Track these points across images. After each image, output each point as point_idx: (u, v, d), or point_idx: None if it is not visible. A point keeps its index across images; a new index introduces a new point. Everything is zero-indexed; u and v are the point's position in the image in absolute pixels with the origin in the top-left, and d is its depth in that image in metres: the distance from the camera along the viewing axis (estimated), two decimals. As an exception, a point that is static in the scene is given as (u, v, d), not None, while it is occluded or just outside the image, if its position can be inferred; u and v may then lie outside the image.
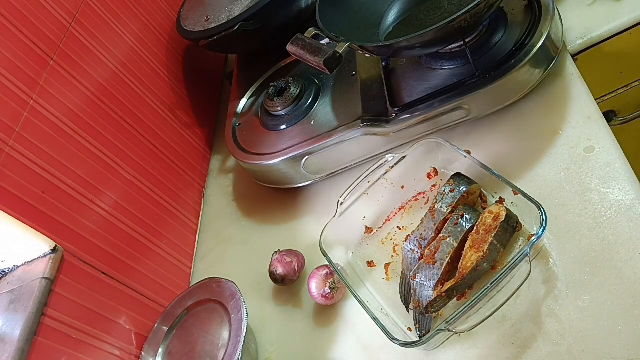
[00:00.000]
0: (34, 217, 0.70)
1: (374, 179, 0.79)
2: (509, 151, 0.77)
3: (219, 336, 0.76)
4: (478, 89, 0.76)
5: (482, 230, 0.66)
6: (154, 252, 0.90)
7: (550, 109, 0.77)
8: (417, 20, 0.85)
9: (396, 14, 0.89)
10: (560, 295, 0.62)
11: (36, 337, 0.65)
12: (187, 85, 1.14)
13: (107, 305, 0.77)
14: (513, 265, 0.60)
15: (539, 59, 0.76)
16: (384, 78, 0.87)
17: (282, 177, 0.93)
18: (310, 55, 0.73)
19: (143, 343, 0.81)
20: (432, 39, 0.70)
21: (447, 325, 0.59)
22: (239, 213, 1.02)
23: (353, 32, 0.84)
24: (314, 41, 0.74)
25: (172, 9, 1.16)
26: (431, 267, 0.66)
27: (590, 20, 0.83)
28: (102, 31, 0.92)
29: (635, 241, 0.61)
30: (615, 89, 0.92)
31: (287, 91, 0.94)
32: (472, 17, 0.67)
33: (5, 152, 0.68)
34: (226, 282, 0.80)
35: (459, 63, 0.81)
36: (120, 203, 0.85)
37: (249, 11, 0.95)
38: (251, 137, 0.97)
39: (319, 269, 0.77)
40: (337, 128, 0.85)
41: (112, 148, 0.87)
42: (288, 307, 0.83)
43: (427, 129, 0.82)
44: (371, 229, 0.81)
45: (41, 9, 0.80)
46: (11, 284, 0.71)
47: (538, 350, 0.60)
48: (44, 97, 0.76)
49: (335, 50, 0.71)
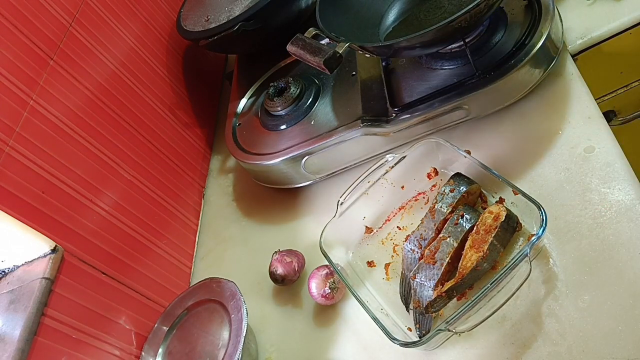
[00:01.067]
0: (34, 217, 0.70)
1: (374, 179, 0.79)
2: (509, 151, 0.77)
3: (219, 336, 0.76)
4: (478, 89, 0.76)
5: (482, 230, 0.66)
6: (154, 252, 0.90)
7: (550, 109, 0.77)
8: (417, 20, 0.85)
9: (396, 14, 0.89)
10: (560, 295, 0.62)
11: (36, 337, 0.65)
12: (187, 85, 1.14)
13: (107, 305, 0.77)
14: (513, 265, 0.60)
15: (539, 59, 0.76)
16: (384, 78, 0.87)
17: (282, 177, 0.93)
18: (310, 55, 0.73)
19: (143, 343, 0.81)
20: (432, 39, 0.70)
21: (447, 325, 0.59)
22: (239, 213, 1.02)
23: (353, 32, 0.84)
24: (314, 41, 0.74)
25: (172, 9, 1.16)
26: (431, 267, 0.66)
27: (590, 20, 0.83)
28: (102, 31, 0.92)
29: (635, 241, 0.61)
30: (615, 89, 0.92)
31: (287, 91, 0.94)
32: (472, 17, 0.67)
33: (5, 152, 0.68)
34: (226, 282, 0.80)
35: (459, 63, 0.81)
36: (120, 203, 0.85)
37: (249, 11, 0.95)
38: (251, 137, 0.97)
39: (319, 269, 0.77)
40: (337, 128, 0.85)
41: (112, 148, 0.87)
42: (288, 307, 0.83)
43: (427, 129, 0.82)
44: (371, 229, 0.81)
45: (41, 9, 0.80)
46: (11, 284, 0.71)
47: (538, 350, 0.60)
48: (44, 97, 0.76)
49: (335, 51, 0.71)
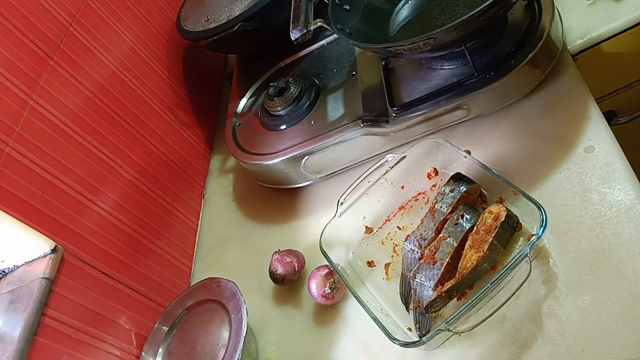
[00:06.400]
0: (34, 217, 0.70)
1: (374, 179, 0.80)
2: (509, 151, 0.77)
3: (219, 336, 0.76)
4: (478, 89, 0.76)
5: (482, 230, 0.66)
6: (154, 252, 0.90)
7: (550, 109, 0.77)
8: (428, 18, 0.85)
9: (408, 10, 0.89)
10: (560, 295, 0.62)
11: (36, 337, 0.65)
12: (187, 85, 1.14)
13: (107, 305, 0.77)
14: (513, 265, 0.60)
15: (539, 59, 0.76)
16: (383, 78, 0.87)
17: (282, 177, 0.93)
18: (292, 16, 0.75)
19: (143, 343, 0.81)
20: (433, 48, 0.71)
21: (447, 325, 0.59)
22: (239, 213, 1.02)
23: (362, 28, 0.84)
24: (304, 11, 0.75)
25: (172, 9, 1.16)
26: (431, 267, 0.66)
27: (590, 20, 0.83)
28: (102, 31, 0.92)
29: (635, 241, 0.61)
30: (615, 89, 0.92)
31: (287, 91, 0.94)
32: (468, 26, 0.67)
33: (5, 152, 0.68)
34: (226, 282, 0.80)
35: (459, 63, 0.81)
36: (120, 203, 0.85)
37: (249, 11, 0.95)
38: (251, 137, 0.97)
39: (319, 269, 0.77)
40: (337, 128, 0.85)
41: (112, 148, 0.87)
42: (288, 307, 0.83)
43: (427, 129, 0.82)
44: (371, 229, 0.81)
45: (41, 9, 0.80)
46: (11, 284, 0.71)
47: (538, 350, 0.60)
48: (44, 97, 0.76)
49: (308, 30, 0.73)
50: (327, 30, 0.83)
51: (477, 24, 0.67)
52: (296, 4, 0.79)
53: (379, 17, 0.89)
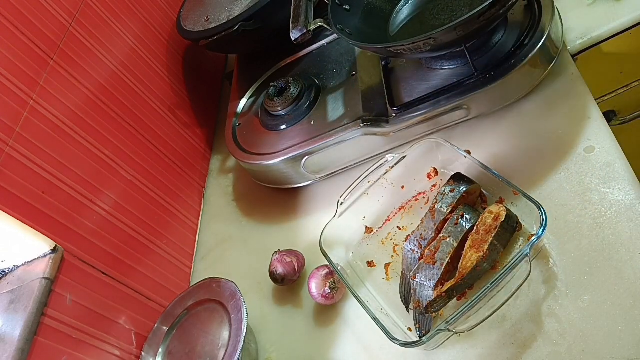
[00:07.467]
0: (34, 217, 0.70)
1: (374, 179, 0.79)
2: (509, 151, 0.77)
3: (219, 336, 0.76)
4: (478, 88, 0.76)
5: (482, 230, 0.66)
6: (154, 252, 0.90)
7: (550, 109, 0.77)
8: (428, 17, 0.85)
9: (409, 9, 0.89)
10: (560, 295, 0.62)
11: (36, 337, 0.65)
12: (187, 85, 1.14)
13: (107, 305, 0.77)
14: (513, 265, 0.60)
15: (539, 59, 0.76)
16: (383, 78, 0.87)
17: (282, 177, 0.93)
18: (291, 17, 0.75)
19: (143, 343, 0.81)
20: (433, 48, 0.71)
21: (447, 325, 0.59)
22: (239, 213, 1.02)
23: (361, 27, 0.84)
24: (304, 11, 0.75)
25: (172, 9, 1.16)
26: (431, 267, 0.66)
27: (590, 20, 0.83)
28: (102, 31, 0.92)
29: (635, 241, 0.61)
30: (615, 89, 0.92)
31: (287, 91, 0.94)
32: (468, 26, 0.67)
33: (5, 152, 0.68)
34: (226, 282, 0.80)
35: (458, 63, 0.81)
36: (120, 203, 0.85)
37: (249, 11, 0.95)
38: (251, 137, 0.97)
39: (319, 269, 0.77)
40: (337, 128, 0.85)
41: (112, 148, 0.87)
42: (288, 307, 0.83)
43: (427, 129, 0.82)
44: (371, 229, 0.81)
45: (41, 9, 0.80)
46: (11, 284, 0.71)
47: (538, 350, 0.60)
48: (44, 97, 0.76)
49: (308, 30, 0.73)
50: (327, 30, 0.83)
51: (477, 24, 0.67)
52: (296, 4, 0.79)
53: (379, 17, 0.89)
